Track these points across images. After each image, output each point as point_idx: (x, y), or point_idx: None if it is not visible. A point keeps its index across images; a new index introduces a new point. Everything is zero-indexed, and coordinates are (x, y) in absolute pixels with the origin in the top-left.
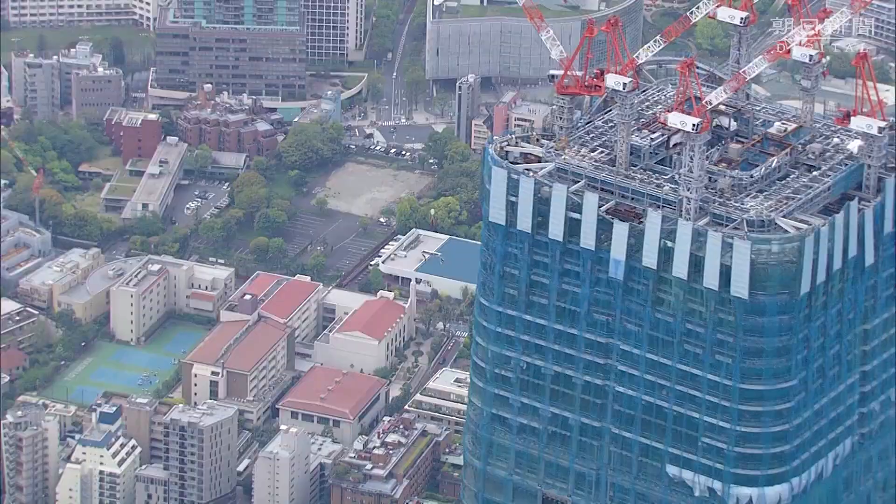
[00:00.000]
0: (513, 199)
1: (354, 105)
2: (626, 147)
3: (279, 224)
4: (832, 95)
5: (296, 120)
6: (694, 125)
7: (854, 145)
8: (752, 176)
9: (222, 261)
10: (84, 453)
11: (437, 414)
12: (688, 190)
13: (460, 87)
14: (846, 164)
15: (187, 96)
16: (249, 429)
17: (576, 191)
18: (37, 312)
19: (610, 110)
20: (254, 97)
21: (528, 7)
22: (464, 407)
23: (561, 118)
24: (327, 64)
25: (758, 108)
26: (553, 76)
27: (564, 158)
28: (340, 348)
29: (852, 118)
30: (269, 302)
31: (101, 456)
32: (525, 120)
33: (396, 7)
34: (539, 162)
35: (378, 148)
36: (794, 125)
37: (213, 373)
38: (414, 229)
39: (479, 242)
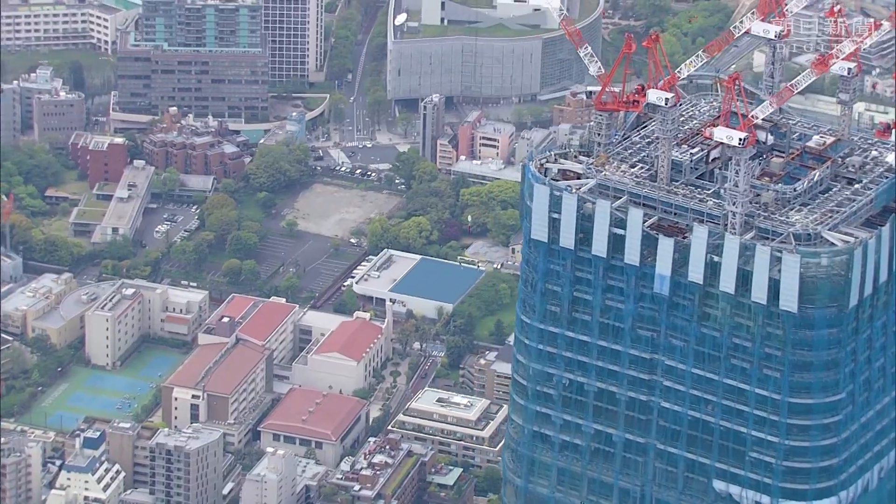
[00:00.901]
0: (555, 215)
1: (317, 126)
2: (668, 162)
3: (251, 246)
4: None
5: (261, 142)
6: (740, 139)
7: (892, 158)
8: (795, 189)
9: (195, 284)
10: (69, 479)
11: (420, 434)
12: (733, 204)
13: (425, 106)
14: (886, 177)
15: (149, 119)
16: (231, 452)
17: (619, 207)
18: (11, 339)
19: (645, 126)
20: (219, 119)
21: (566, 25)
22: (446, 426)
23: (599, 134)
24: (288, 85)
25: (793, 122)
26: (590, 92)
27: (605, 174)
28: (319, 370)
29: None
30: (247, 324)
31: (86, 482)
32: (490, 139)
33: (355, 27)
34: (578, 178)
35: (343, 169)
36: (832, 138)
37: (193, 396)
38: (386, 250)
39: (451, 262)
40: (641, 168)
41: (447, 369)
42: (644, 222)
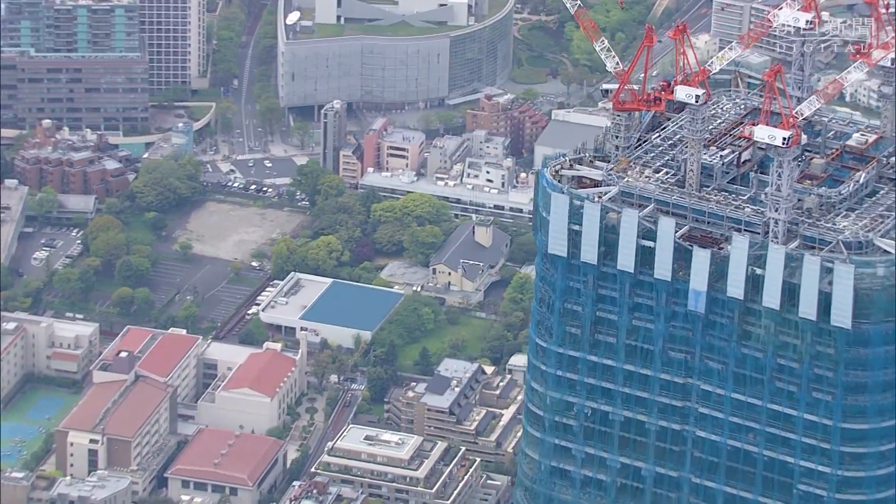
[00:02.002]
0: (575, 227)
1: (204, 138)
2: (698, 166)
3: (142, 272)
4: None
5: (145, 156)
6: (784, 139)
7: None
8: (840, 193)
9: (83, 316)
10: None
11: (348, 476)
12: (776, 210)
13: (325, 114)
14: None
15: (17, 134)
16: (136, 501)
17: (646, 216)
18: None
19: (663, 127)
20: (97, 133)
21: (581, 15)
22: (377, 467)
23: (617, 136)
24: (169, 93)
25: (827, 119)
26: (607, 91)
27: (627, 181)
28: (228, 407)
29: None
30: (146, 359)
31: None
32: (399, 149)
33: (239, 28)
34: (595, 186)
35: (237, 185)
36: (874, 136)
37: (91, 440)
38: (293, 273)
39: (366, 285)
40: (667, 173)
41: (370, 404)
42: (676, 233)
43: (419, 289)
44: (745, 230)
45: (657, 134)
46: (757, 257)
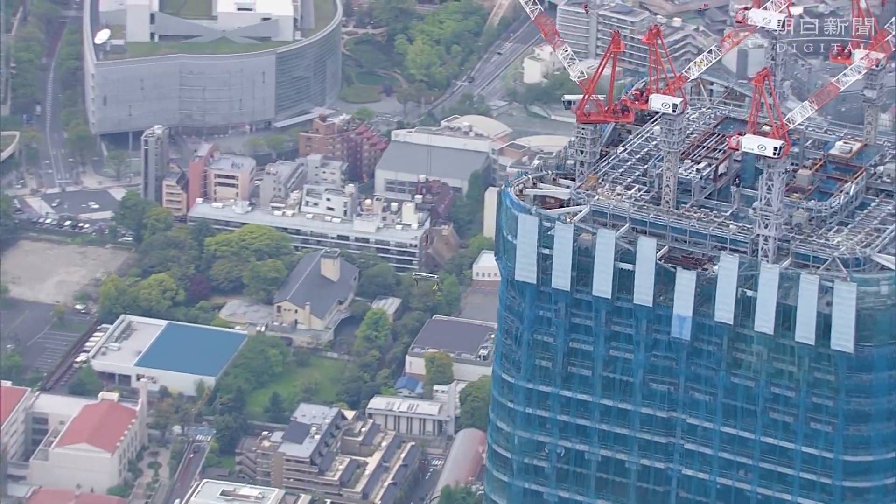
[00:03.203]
0: (546, 251)
1: (9, 170)
2: (675, 181)
3: None
4: None
5: None
6: (776, 149)
7: None
8: (830, 206)
9: None
10: None
11: None
12: (765, 227)
13: (146, 140)
14: None
15: None
16: None
17: (623, 236)
18: None
19: (623, 141)
20: None
21: (541, 21)
22: None
23: (582, 151)
24: None
25: (803, 126)
26: (570, 102)
27: (598, 199)
28: (64, 465)
29: None
30: None
31: None
32: (228, 177)
33: (38, 49)
34: (561, 206)
35: (49, 221)
36: (857, 144)
37: None
38: (123, 315)
39: (204, 326)
40: (639, 190)
41: (219, 456)
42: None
43: (263, 328)
44: (730, 249)
45: (623, 148)
46: (747, 278)
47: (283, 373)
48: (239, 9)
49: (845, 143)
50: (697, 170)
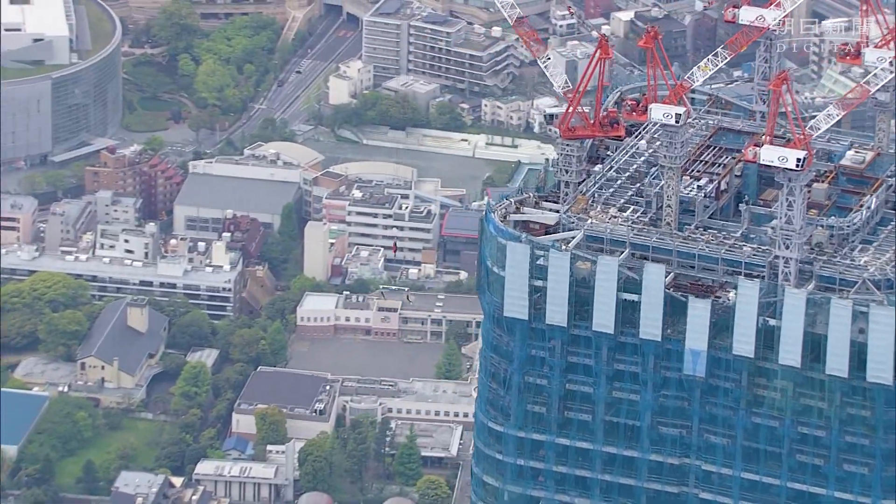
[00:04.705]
0: (538, 283)
1: None
2: (677, 200)
3: None
4: None
5: None
6: (799, 160)
7: None
8: (853, 223)
9: None
10: None
11: None
12: (786, 248)
13: None
14: None
15: None
16: None
17: (625, 263)
18: None
19: (601, 158)
20: None
21: (520, 27)
22: None
23: (567, 171)
24: None
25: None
26: (552, 116)
27: (591, 223)
28: None
29: None
30: None
31: None
32: (8, 219)
33: None
34: (548, 233)
35: None
36: (870, 153)
37: None
38: None
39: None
40: (635, 211)
41: None
42: None
43: (66, 388)
44: (745, 274)
45: (608, 165)
46: (767, 305)
47: (93, 437)
48: (6, 30)
49: (856, 152)
50: (699, 186)
